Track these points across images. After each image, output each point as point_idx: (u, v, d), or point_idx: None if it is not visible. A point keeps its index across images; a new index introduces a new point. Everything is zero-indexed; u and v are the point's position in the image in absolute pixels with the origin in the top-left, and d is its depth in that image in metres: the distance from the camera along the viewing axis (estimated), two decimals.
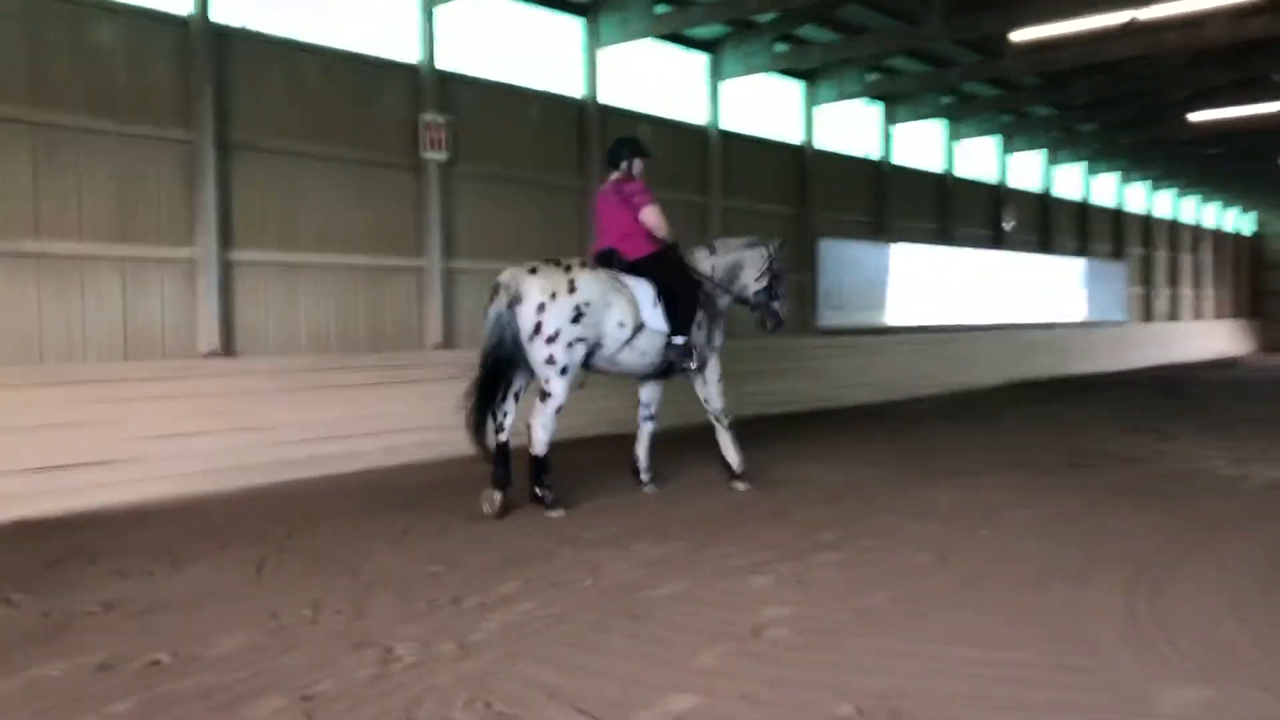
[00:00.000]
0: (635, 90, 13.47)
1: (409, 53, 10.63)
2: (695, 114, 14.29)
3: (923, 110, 17.94)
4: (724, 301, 7.94)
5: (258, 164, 9.37)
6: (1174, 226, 29.87)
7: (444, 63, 10.88)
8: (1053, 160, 23.26)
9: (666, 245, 7.51)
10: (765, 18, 13.67)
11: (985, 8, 13.12)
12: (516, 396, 7.15)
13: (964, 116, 19.26)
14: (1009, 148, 21.54)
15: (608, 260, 7.33)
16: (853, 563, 5.33)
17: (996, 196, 21.32)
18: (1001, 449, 9.77)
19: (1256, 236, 36.47)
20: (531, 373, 7.01)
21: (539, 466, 6.92)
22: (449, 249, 10.96)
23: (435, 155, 10.62)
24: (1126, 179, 26.72)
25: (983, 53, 16.65)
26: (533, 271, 6.89)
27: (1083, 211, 24.78)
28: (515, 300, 6.83)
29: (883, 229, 17.87)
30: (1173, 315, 29.71)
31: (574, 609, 4.58)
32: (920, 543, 5.75)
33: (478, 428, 6.83)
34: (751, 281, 8.00)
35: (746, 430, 11.82)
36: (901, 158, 18.57)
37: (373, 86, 10.29)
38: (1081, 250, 24.53)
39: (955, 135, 19.79)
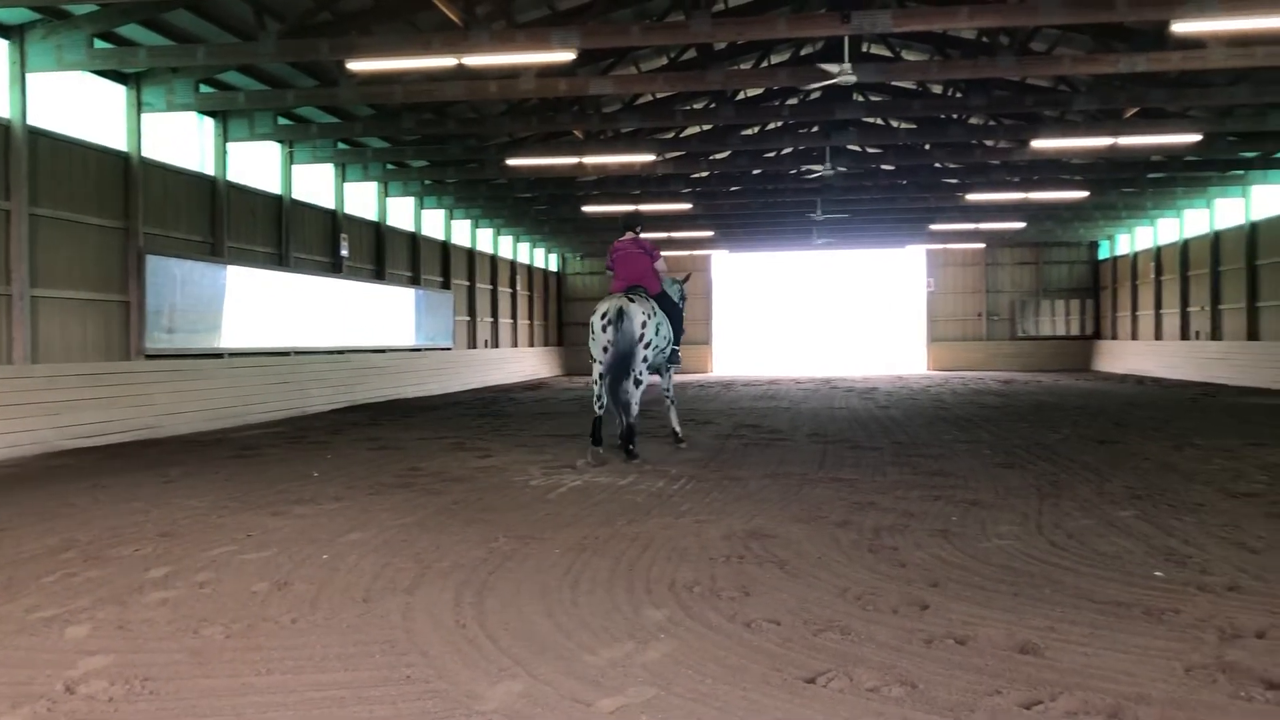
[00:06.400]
0: None
1: None
2: None
3: (259, 130, 17.63)
4: None
5: None
6: (495, 261, 32.75)
7: None
8: (386, 192, 24.22)
9: (664, 285, 11.45)
10: (82, 10, 12.48)
11: (321, 34, 13.29)
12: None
13: (301, 140, 19.29)
14: (345, 176, 22.00)
15: (635, 292, 10.89)
16: (184, 599, 5.01)
17: (334, 224, 21.64)
18: (338, 472, 9.88)
19: (561, 273, 41.47)
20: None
21: (632, 430, 10.52)
22: None
23: None
24: (453, 214, 28.71)
25: (319, 78, 16.85)
26: (632, 300, 10.51)
27: (414, 242, 26.12)
28: (628, 320, 10.30)
29: (219, 249, 17.19)
30: (493, 342, 32.50)
31: None
32: (258, 571, 5.59)
33: (608, 408, 10.50)
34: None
35: (56, 467, 10.61)
36: (239, 177, 18.05)
37: None
38: (414, 280, 25.83)
39: (292, 159, 19.73)
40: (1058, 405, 18.78)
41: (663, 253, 12.07)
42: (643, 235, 11.61)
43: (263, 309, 18.05)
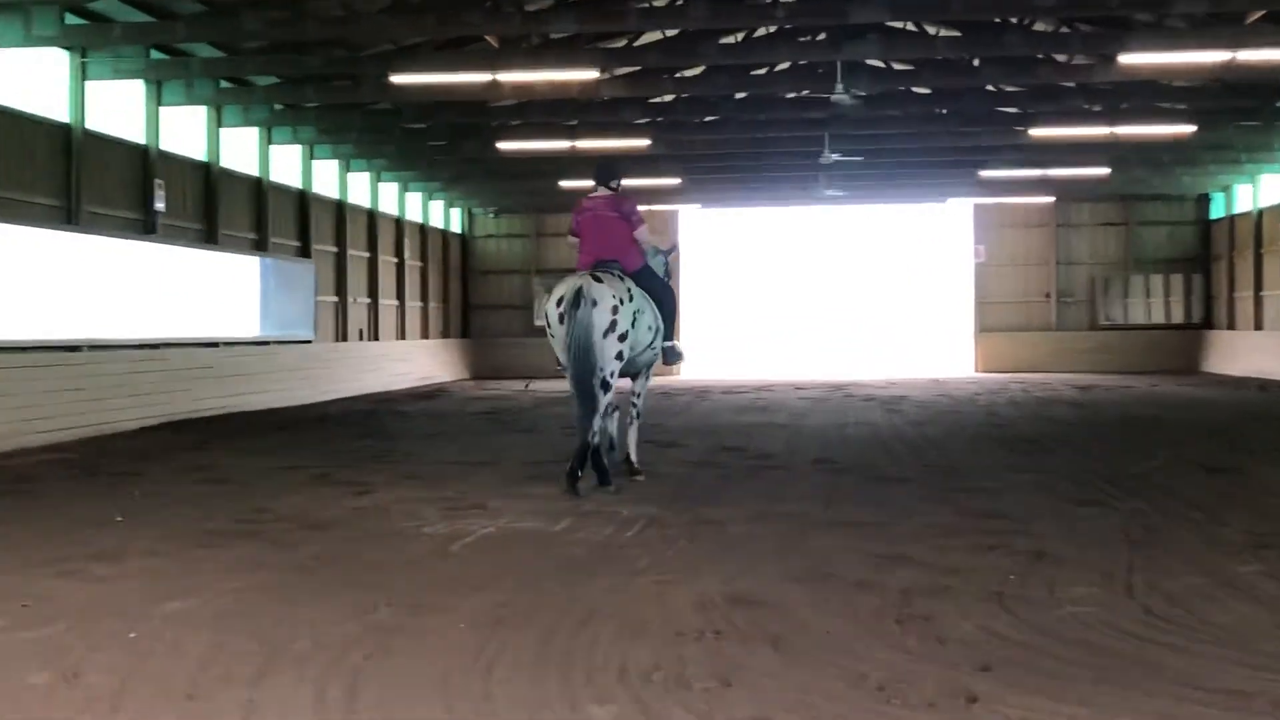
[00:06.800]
0: None
1: None
2: None
3: (38, 33, 17.31)
4: None
5: None
6: (374, 217, 32.41)
7: None
8: (220, 121, 23.96)
9: (647, 258, 11.72)
10: None
11: None
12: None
13: (99, 49, 19.01)
14: (161, 99, 21.73)
15: (608, 268, 11.07)
16: None
17: (145, 165, 21.37)
18: (152, 516, 9.78)
19: (466, 235, 40.92)
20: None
21: (587, 453, 10.74)
22: None
23: None
24: (313, 152, 28.43)
25: None
26: (599, 280, 10.76)
27: (259, 191, 25.84)
28: (586, 306, 10.52)
29: None
30: (372, 333, 32.30)
31: None
32: (38, 656, 5.52)
33: (586, 430, 10.66)
34: None
35: None
36: (6, 99, 17.76)
37: None
38: (259, 244, 25.59)
39: (85, 73, 19.45)
40: (1154, 420, 19.03)
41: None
42: (624, 187, 12.03)
43: (41, 285, 17.76)
